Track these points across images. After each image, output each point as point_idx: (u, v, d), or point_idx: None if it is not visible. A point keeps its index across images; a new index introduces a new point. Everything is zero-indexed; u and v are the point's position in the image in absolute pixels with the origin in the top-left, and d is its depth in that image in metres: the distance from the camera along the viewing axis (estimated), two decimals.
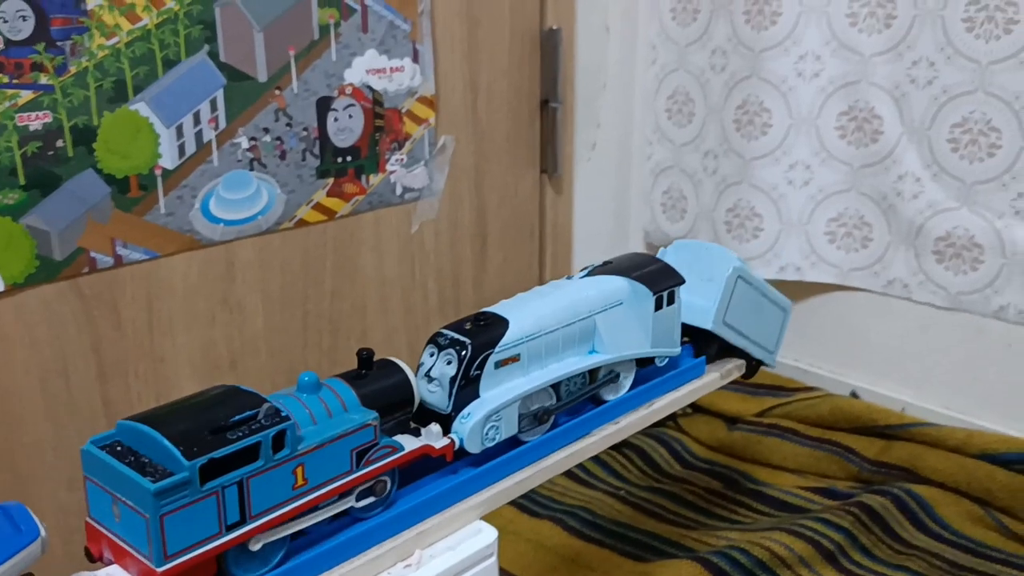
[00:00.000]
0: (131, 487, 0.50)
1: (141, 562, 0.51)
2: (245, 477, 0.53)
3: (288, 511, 0.55)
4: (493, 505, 0.66)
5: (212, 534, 0.52)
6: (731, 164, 1.35)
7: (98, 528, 0.54)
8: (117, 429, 0.54)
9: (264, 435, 0.53)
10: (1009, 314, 1.19)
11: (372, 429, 0.59)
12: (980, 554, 1.07)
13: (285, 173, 1.08)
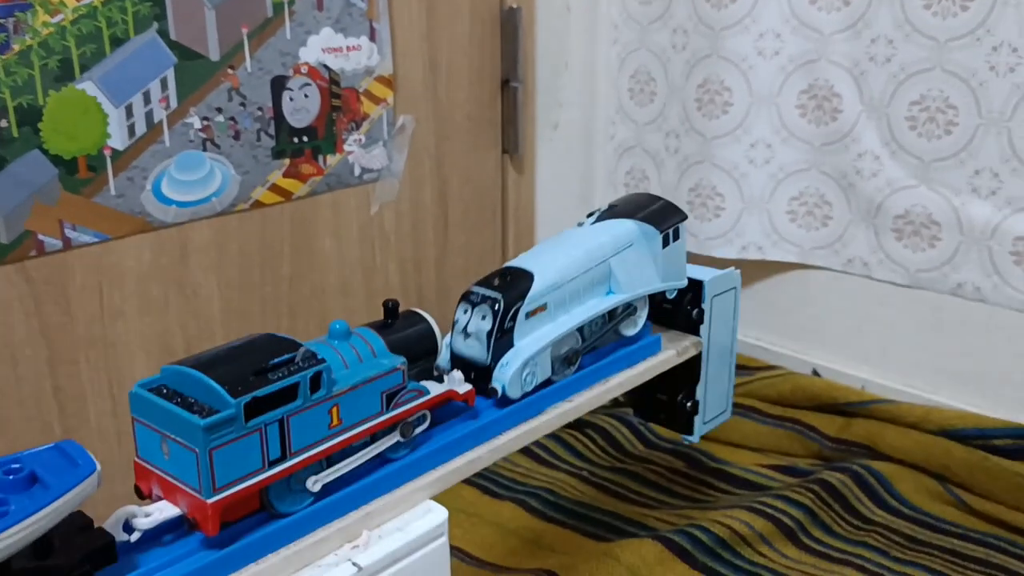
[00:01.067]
0: (181, 424, 0.53)
1: (191, 495, 0.54)
2: (285, 416, 0.56)
3: (325, 449, 0.59)
4: (444, 485, 0.65)
5: (256, 469, 0.55)
6: (693, 143, 1.35)
7: (147, 467, 0.56)
8: (162, 374, 0.57)
9: (302, 376, 0.57)
10: (966, 291, 1.19)
11: (400, 373, 0.63)
12: (938, 529, 1.08)
13: (239, 154, 1.06)
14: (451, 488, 1.18)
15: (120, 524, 0.54)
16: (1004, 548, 1.04)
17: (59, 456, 0.51)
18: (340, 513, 0.60)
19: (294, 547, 0.58)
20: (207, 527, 0.53)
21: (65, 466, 0.50)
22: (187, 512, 0.55)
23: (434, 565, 0.62)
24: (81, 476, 0.50)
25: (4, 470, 0.48)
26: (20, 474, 0.49)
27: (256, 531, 0.57)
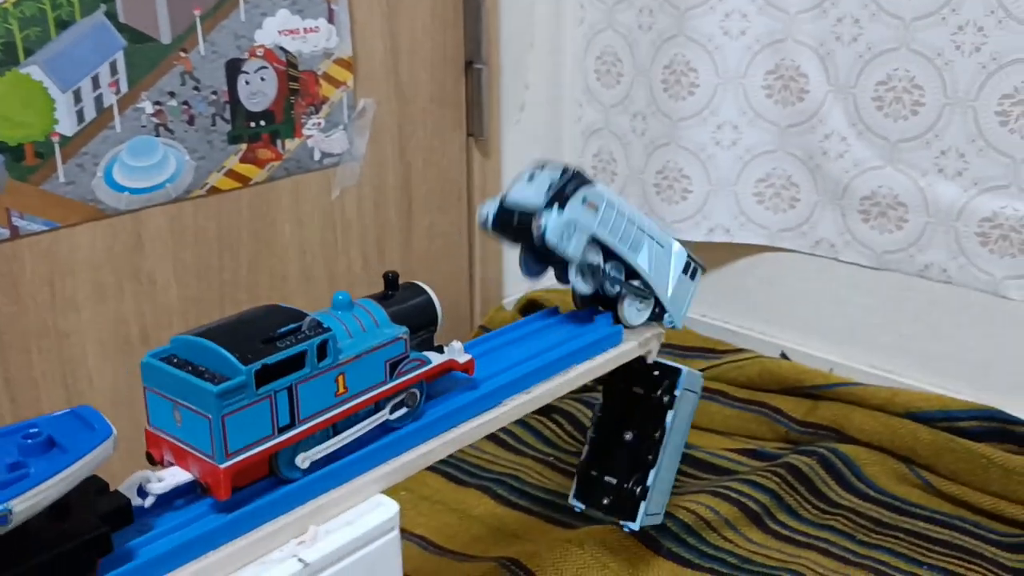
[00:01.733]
0: (194, 392, 0.54)
1: (204, 461, 0.55)
2: (294, 383, 0.57)
3: (332, 416, 0.60)
4: (396, 478, 0.64)
5: (266, 435, 0.56)
6: (659, 125, 1.34)
7: (159, 434, 0.57)
8: (172, 344, 0.58)
9: (309, 344, 0.58)
10: (933, 272, 1.19)
11: (403, 342, 0.64)
12: (904, 511, 1.08)
13: (194, 139, 1.04)
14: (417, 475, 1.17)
15: (135, 488, 0.55)
16: (969, 530, 1.04)
17: (75, 421, 0.52)
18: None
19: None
20: (219, 492, 0.55)
21: (82, 430, 0.51)
22: (199, 477, 0.56)
23: (384, 560, 0.60)
24: (98, 440, 0.50)
25: (22, 435, 0.49)
26: (38, 438, 0.49)
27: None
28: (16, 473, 0.47)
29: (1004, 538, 1.03)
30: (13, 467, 0.47)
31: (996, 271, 1.14)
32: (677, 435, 0.91)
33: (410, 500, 1.11)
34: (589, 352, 0.78)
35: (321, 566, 0.56)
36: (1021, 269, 1.12)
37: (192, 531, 0.55)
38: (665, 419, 0.88)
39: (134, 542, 0.53)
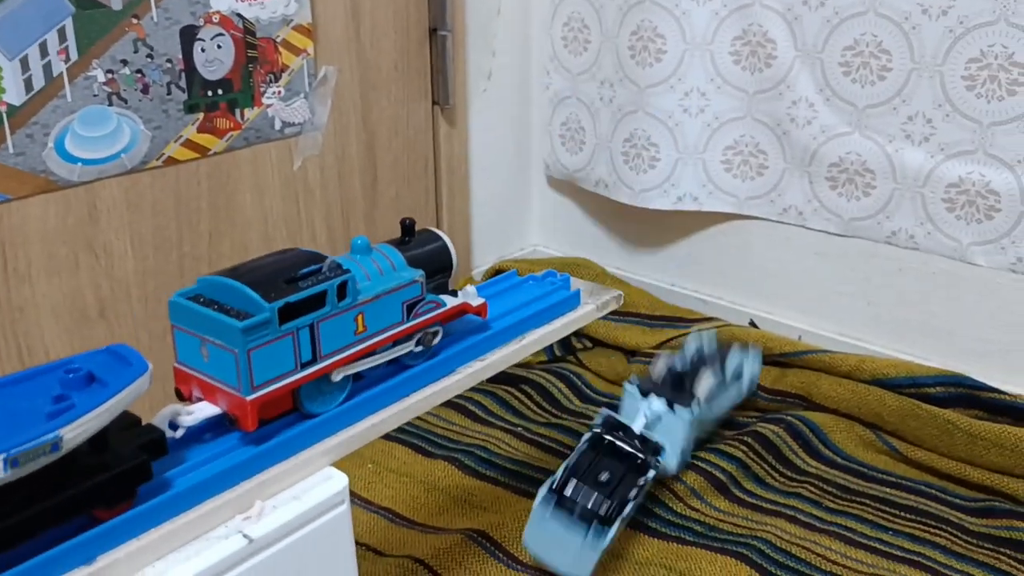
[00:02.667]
0: (221, 328, 0.57)
1: (231, 394, 0.58)
2: (315, 321, 0.60)
3: (351, 354, 0.63)
4: (345, 450, 0.62)
5: (289, 370, 0.59)
6: (627, 93, 1.32)
7: (186, 371, 0.60)
8: (198, 284, 0.60)
9: (330, 284, 0.61)
10: (900, 239, 1.18)
11: (420, 285, 0.67)
12: (871, 478, 1.08)
13: (149, 108, 1.02)
14: (384, 448, 1.16)
15: (166, 422, 0.57)
16: (935, 495, 1.04)
17: (112, 358, 0.55)
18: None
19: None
20: (246, 423, 0.57)
21: (119, 366, 0.54)
22: (227, 410, 0.58)
23: (335, 535, 0.59)
24: (135, 374, 0.53)
25: (64, 370, 0.52)
26: (79, 373, 0.52)
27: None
28: (62, 404, 0.50)
29: (969, 503, 1.03)
30: (58, 399, 0.50)
31: (962, 237, 1.14)
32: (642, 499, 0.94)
33: (376, 472, 1.10)
34: (546, 316, 0.77)
35: (267, 542, 0.55)
36: (987, 235, 1.12)
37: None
38: (647, 473, 0.91)
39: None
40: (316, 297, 0.60)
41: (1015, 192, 1.08)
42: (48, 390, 0.51)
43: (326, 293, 0.61)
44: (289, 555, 0.56)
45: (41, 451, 0.47)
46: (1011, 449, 1.04)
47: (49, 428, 0.48)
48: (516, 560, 0.93)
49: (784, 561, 0.93)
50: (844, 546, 0.96)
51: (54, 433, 0.48)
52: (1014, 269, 1.11)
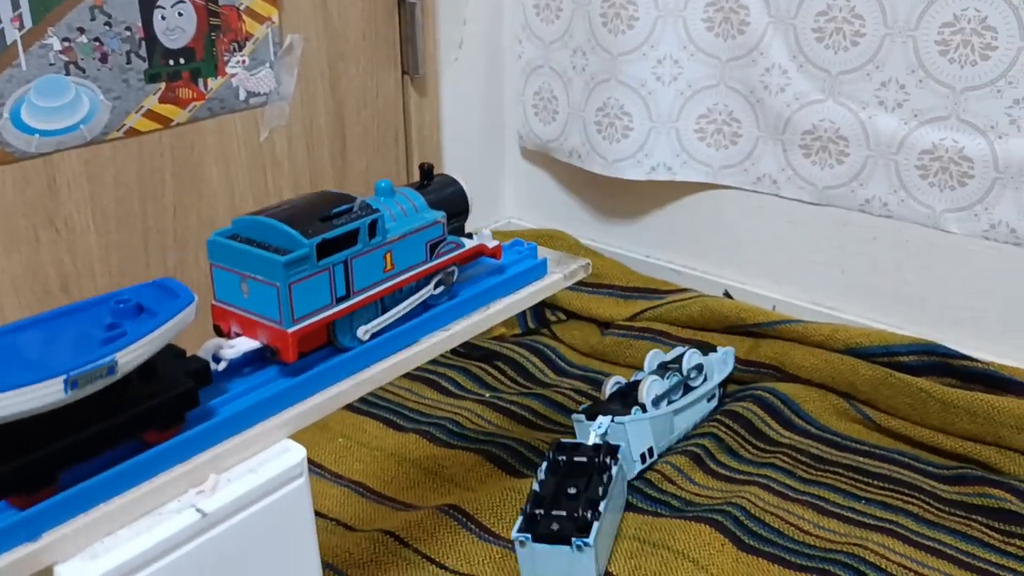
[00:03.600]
0: (262, 263, 0.59)
1: (272, 327, 0.60)
2: (349, 258, 0.63)
3: (381, 290, 0.66)
4: (303, 422, 0.61)
5: (326, 304, 0.62)
6: (599, 61, 1.30)
7: (226, 308, 0.62)
8: (233, 225, 0.62)
9: (361, 222, 0.63)
10: (874, 207, 1.18)
11: (441, 226, 0.70)
12: (844, 447, 1.07)
13: (108, 78, 0.99)
14: (354, 421, 1.14)
15: (209, 355, 0.60)
16: (907, 464, 1.04)
17: (159, 290, 0.57)
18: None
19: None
20: (287, 354, 0.60)
21: (166, 298, 0.56)
22: (268, 342, 0.61)
23: (293, 509, 0.58)
24: (182, 305, 0.55)
25: (114, 302, 0.54)
26: (128, 304, 0.54)
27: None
28: (115, 332, 0.52)
29: (941, 471, 1.03)
30: (111, 327, 0.53)
31: (936, 204, 1.13)
32: (619, 496, 0.93)
33: (347, 446, 1.09)
34: (512, 285, 0.76)
35: (221, 516, 0.54)
36: (960, 202, 1.11)
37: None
38: (610, 470, 0.91)
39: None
40: (349, 235, 0.62)
41: (988, 158, 1.07)
42: (100, 320, 0.54)
43: (359, 231, 0.63)
44: (245, 530, 0.55)
45: (98, 374, 0.50)
46: (984, 417, 1.04)
47: (105, 352, 0.50)
48: (488, 531, 0.92)
49: (757, 530, 0.92)
50: (817, 515, 0.95)
51: (110, 357, 0.50)
52: (987, 236, 1.11)
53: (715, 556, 0.89)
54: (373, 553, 0.90)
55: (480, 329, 0.73)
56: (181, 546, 0.52)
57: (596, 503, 0.86)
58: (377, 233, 0.64)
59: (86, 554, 0.50)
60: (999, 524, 0.93)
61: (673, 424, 1.06)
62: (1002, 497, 0.95)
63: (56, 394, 0.48)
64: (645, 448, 1.01)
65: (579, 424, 1.02)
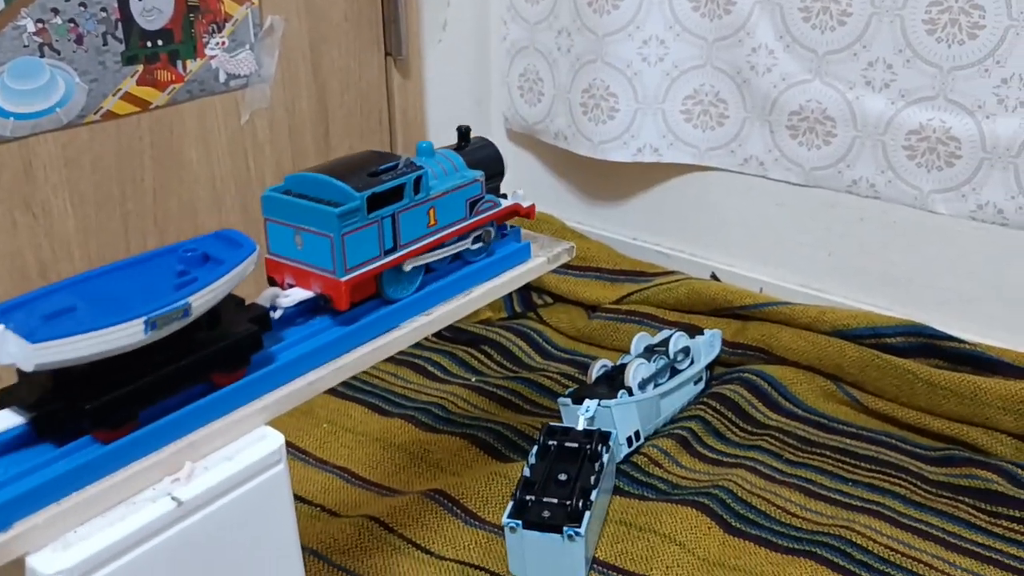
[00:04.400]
0: (316, 215, 0.62)
1: (325, 277, 0.63)
2: (395, 212, 0.66)
3: (425, 244, 0.69)
4: (281, 408, 0.60)
5: (375, 256, 0.65)
6: (585, 41, 1.29)
7: (279, 261, 0.65)
8: (285, 181, 0.65)
9: (407, 178, 0.66)
10: (861, 188, 1.17)
11: (480, 184, 0.73)
12: (831, 429, 1.07)
13: (84, 60, 0.98)
14: (339, 407, 1.13)
15: (267, 303, 0.63)
16: (894, 445, 1.04)
17: (222, 240, 0.60)
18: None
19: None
20: (341, 302, 0.63)
21: (230, 247, 0.59)
22: (321, 291, 0.64)
23: (271, 496, 0.57)
24: (245, 254, 0.58)
25: (182, 251, 0.57)
26: (196, 253, 0.57)
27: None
28: (186, 278, 0.56)
29: (928, 452, 1.03)
30: (181, 274, 0.56)
31: (923, 185, 1.12)
32: (608, 481, 0.93)
33: (331, 431, 1.08)
34: (495, 269, 0.75)
35: (197, 504, 0.53)
36: (948, 182, 1.10)
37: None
38: (602, 458, 0.90)
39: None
40: (396, 189, 0.65)
41: (975, 138, 1.06)
42: (170, 268, 0.57)
43: (404, 186, 0.66)
44: (222, 518, 0.54)
45: (174, 316, 0.53)
46: (970, 398, 1.03)
47: (179, 296, 0.53)
48: (474, 516, 0.92)
49: (744, 512, 0.92)
50: (804, 497, 0.95)
51: (184, 300, 0.53)
52: (974, 217, 1.10)
53: (702, 539, 0.88)
54: (357, 539, 0.89)
55: (463, 313, 0.72)
56: (156, 535, 0.51)
57: (588, 492, 0.85)
58: (421, 189, 0.67)
59: (58, 544, 0.49)
60: (986, 505, 0.93)
61: (660, 407, 1.05)
62: (989, 478, 0.95)
63: (137, 334, 0.51)
64: (631, 431, 1.00)
65: (565, 408, 1.02)
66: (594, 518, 0.86)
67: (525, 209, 0.78)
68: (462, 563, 0.87)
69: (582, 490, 0.85)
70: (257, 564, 0.57)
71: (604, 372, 1.07)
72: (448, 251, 0.71)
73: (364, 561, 0.87)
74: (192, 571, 0.53)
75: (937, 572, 0.84)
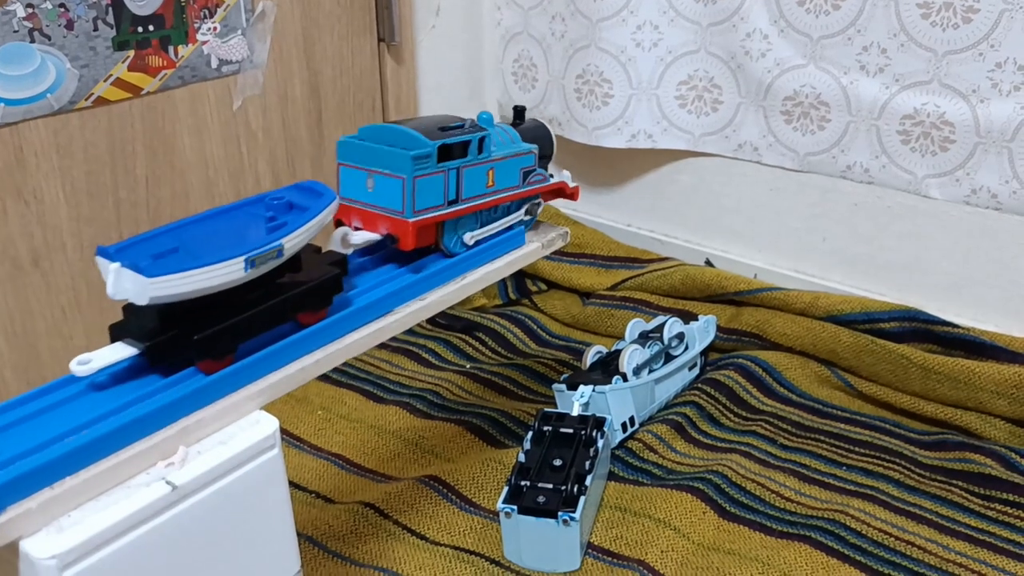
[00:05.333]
0: (391, 158, 0.67)
1: (393, 218, 0.67)
2: (460, 167, 0.70)
3: (483, 203, 0.74)
4: (276, 393, 0.60)
5: (439, 204, 0.69)
6: (579, 27, 1.28)
7: (349, 204, 0.70)
8: (360, 132, 0.70)
9: (473, 136, 0.71)
10: (855, 173, 1.17)
11: (534, 156, 0.78)
12: (826, 414, 1.07)
13: (75, 45, 0.97)
14: (333, 394, 1.13)
15: (337, 241, 0.68)
16: (889, 430, 1.04)
17: (303, 191, 0.64)
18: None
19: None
20: (407, 241, 0.67)
21: (312, 196, 0.63)
22: (389, 231, 0.68)
23: (266, 481, 0.57)
24: (327, 202, 0.62)
25: (269, 199, 0.62)
26: (282, 201, 0.62)
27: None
28: (276, 223, 0.60)
29: (922, 436, 1.03)
30: (271, 220, 0.60)
31: (917, 170, 1.12)
32: (603, 466, 0.92)
33: (326, 418, 1.08)
34: (488, 255, 0.75)
35: (192, 488, 0.53)
36: (942, 167, 1.10)
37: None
38: (597, 443, 0.90)
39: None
40: (463, 145, 0.70)
41: (969, 122, 1.06)
42: (260, 214, 0.61)
43: (470, 143, 0.71)
44: (217, 503, 0.54)
45: (270, 256, 0.57)
46: (964, 382, 1.04)
47: (274, 238, 0.57)
48: (469, 502, 0.92)
49: (739, 497, 0.92)
50: (799, 482, 0.95)
51: (278, 242, 0.58)
52: (968, 201, 1.10)
53: (697, 524, 0.89)
54: (353, 525, 0.89)
55: (457, 299, 0.71)
56: (150, 520, 0.51)
57: (583, 477, 0.85)
58: (484, 150, 0.72)
59: (52, 528, 0.49)
60: (979, 489, 0.93)
61: (654, 393, 1.05)
62: (982, 462, 0.95)
63: (238, 271, 0.55)
64: (626, 417, 1.00)
65: (560, 394, 1.02)
66: (589, 503, 0.86)
67: (570, 189, 0.83)
68: (457, 549, 0.87)
69: (577, 475, 0.85)
70: (252, 549, 0.57)
71: (599, 358, 1.07)
72: (503, 223, 0.77)
73: (359, 547, 0.87)
74: (186, 556, 0.53)
75: (931, 556, 0.85)
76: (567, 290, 1.34)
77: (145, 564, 0.51)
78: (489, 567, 0.85)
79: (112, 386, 0.56)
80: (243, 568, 0.57)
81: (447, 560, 0.85)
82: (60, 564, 0.47)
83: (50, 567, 0.47)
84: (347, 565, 0.85)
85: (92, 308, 1.05)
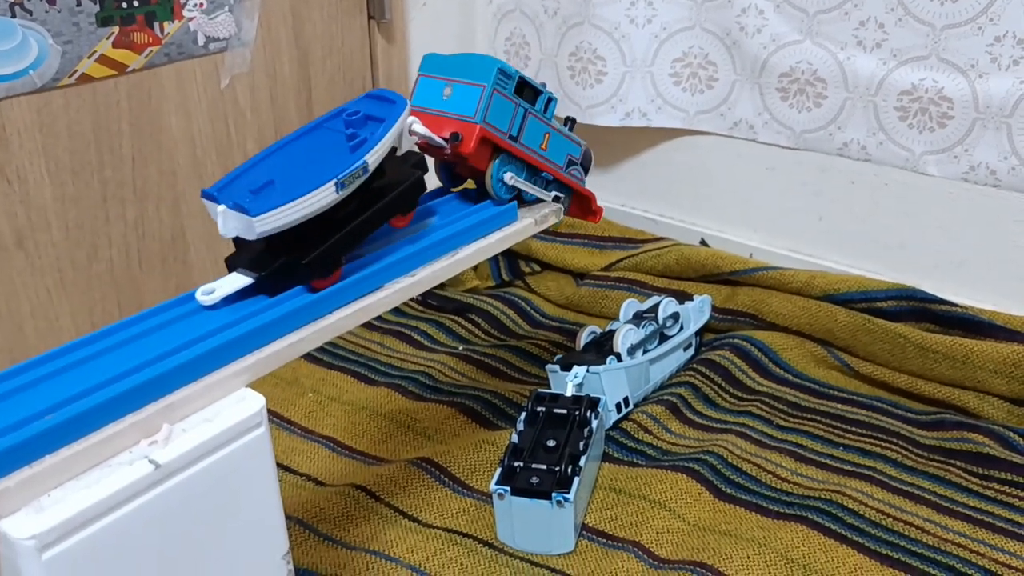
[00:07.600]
0: (477, 67, 0.71)
1: (462, 122, 0.71)
2: (528, 111, 0.75)
3: (535, 160, 0.78)
4: (261, 370, 0.58)
5: (504, 130, 0.73)
6: (572, 3, 1.27)
7: (419, 111, 0.73)
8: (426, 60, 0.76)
9: (545, 91, 0.77)
10: (852, 150, 1.15)
11: (580, 149, 0.83)
12: (822, 394, 1.06)
13: (57, 21, 0.95)
14: (325, 376, 1.12)
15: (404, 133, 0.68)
16: (886, 410, 1.03)
17: (376, 100, 0.66)
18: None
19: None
20: (468, 143, 0.70)
21: (385, 105, 0.65)
22: (453, 131, 0.71)
23: (252, 460, 0.56)
24: (401, 109, 0.64)
25: (346, 115, 0.64)
26: (358, 115, 0.64)
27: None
28: (356, 140, 0.62)
29: (919, 416, 1.02)
30: (351, 137, 0.63)
31: (915, 147, 1.11)
32: (597, 447, 0.91)
33: (317, 401, 1.07)
34: (480, 230, 0.73)
35: (176, 467, 0.51)
36: (940, 144, 1.09)
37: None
38: (591, 423, 0.89)
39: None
40: (536, 92, 0.75)
41: (968, 98, 1.05)
42: (340, 131, 0.64)
43: (541, 94, 0.76)
44: (202, 482, 0.53)
45: (356, 174, 0.61)
46: (962, 361, 1.03)
47: (357, 156, 0.61)
48: (462, 484, 0.91)
49: (734, 478, 0.91)
50: (795, 462, 0.94)
51: (362, 160, 0.61)
52: (966, 179, 1.09)
53: (692, 505, 0.87)
54: (344, 508, 0.88)
55: (448, 275, 0.70)
56: (133, 499, 0.50)
57: (577, 458, 0.84)
58: (548, 111, 0.77)
59: (31, 508, 0.47)
60: (977, 468, 0.93)
61: (649, 373, 1.04)
62: (980, 441, 0.94)
63: (330, 195, 0.59)
64: (620, 398, 0.99)
65: (554, 375, 1.00)
66: (583, 484, 0.84)
67: (596, 205, 0.86)
68: (450, 531, 0.85)
69: (571, 456, 0.84)
70: (238, 530, 0.56)
71: (593, 339, 1.05)
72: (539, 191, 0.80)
73: (351, 530, 0.86)
74: (170, 537, 0.52)
75: (929, 535, 0.84)
76: (561, 271, 1.32)
77: (128, 545, 0.50)
78: (482, 549, 0.84)
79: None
80: (229, 549, 0.56)
81: (440, 542, 0.84)
82: (39, 544, 0.46)
83: (29, 547, 0.45)
84: (338, 548, 0.84)
85: (77, 288, 1.04)
